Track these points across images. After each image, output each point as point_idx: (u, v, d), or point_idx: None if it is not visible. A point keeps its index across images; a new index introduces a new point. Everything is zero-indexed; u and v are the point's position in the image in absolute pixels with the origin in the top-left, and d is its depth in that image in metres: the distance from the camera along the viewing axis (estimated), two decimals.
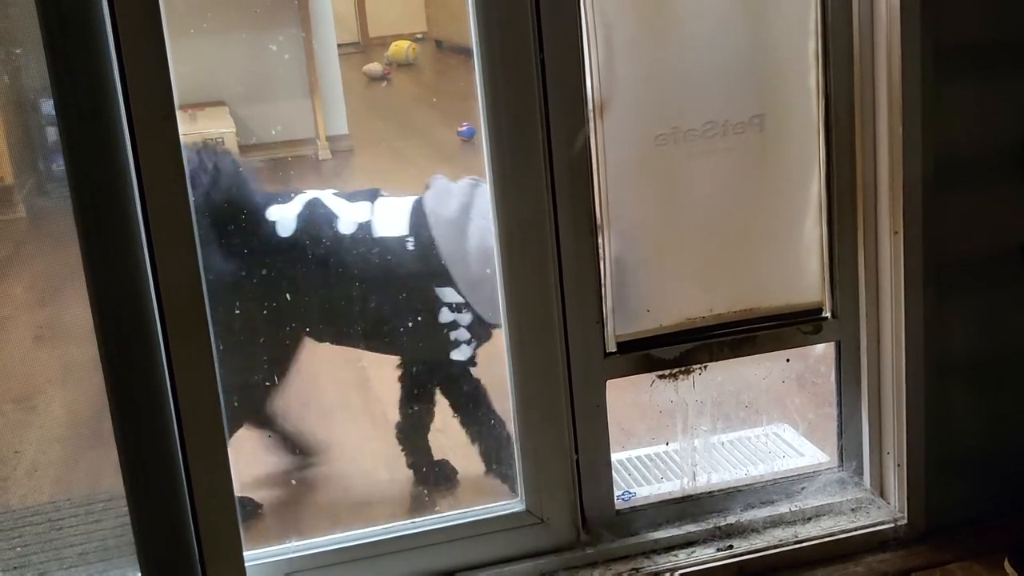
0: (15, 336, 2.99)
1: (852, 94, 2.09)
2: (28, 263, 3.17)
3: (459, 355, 2.38)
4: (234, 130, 4.14)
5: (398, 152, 4.04)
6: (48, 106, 1.82)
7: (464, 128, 3.80)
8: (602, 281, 2.06)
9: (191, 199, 1.81)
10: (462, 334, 2.35)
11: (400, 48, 5.15)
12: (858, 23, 2.06)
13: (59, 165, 1.81)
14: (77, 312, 1.86)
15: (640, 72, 2.02)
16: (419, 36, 5.46)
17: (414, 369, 2.44)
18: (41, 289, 3.06)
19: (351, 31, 5.50)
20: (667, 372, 2.14)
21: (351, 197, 2.37)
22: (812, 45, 2.07)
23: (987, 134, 2.07)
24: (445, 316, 2.33)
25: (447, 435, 2.61)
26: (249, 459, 2.64)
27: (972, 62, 2.04)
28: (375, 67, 5.04)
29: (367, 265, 2.31)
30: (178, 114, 1.81)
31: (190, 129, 4.07)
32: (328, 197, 2.35)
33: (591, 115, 1.99)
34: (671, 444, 2.28)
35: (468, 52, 2.00)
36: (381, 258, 2.31)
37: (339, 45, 4.55)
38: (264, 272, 2.29)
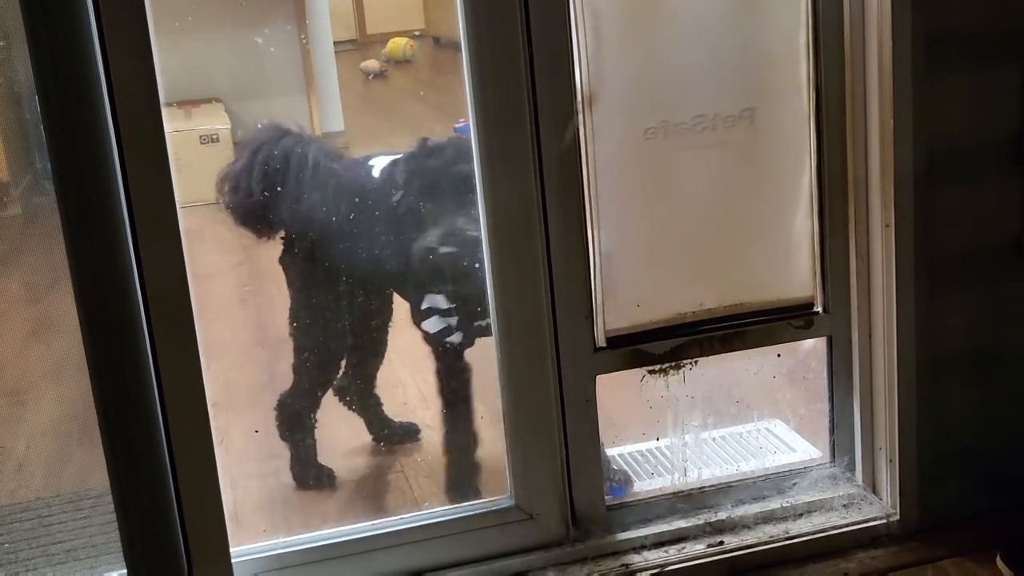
0: (8, 331, 2.99)
1: (843, 87, 2.07)
2: (23, 259, 3.17)
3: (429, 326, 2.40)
4: (229, 126, 4.14)
5: (394, 148, 4.02)
6: None
7: (461, 124, 3.79)
8: (591, 275, 2.05)
9: (176, 193, 1.80)
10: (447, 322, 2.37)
11: (398, 45, 5.14)
12: (849, 15, 2.04)
13: None
14: (70, 308, 1.86)
15: (629, 64, 2.01)
16: (417, 33, 5.45)
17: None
18: (35, 285, 3.06)
19: (349, 28, 5.49)
20: (657, 367, 2.13)
21: None
22: (803, 37, 2.06)
23: (979, 127, 2.06)
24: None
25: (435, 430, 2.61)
26: (241, 455, 2.64)
27: (964, 54, 2.02)
28: (372, 64, 5.03)
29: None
30: (174, 110, 1.80)
31: (185, 125, 4.08)
32: None
33: (580, 108, 1.98)
34: (662, 440, 2.27)
35: None
36: None
37: (336, 42, 4.54)
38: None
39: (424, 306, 2.39)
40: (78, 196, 1.76)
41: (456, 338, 2.38)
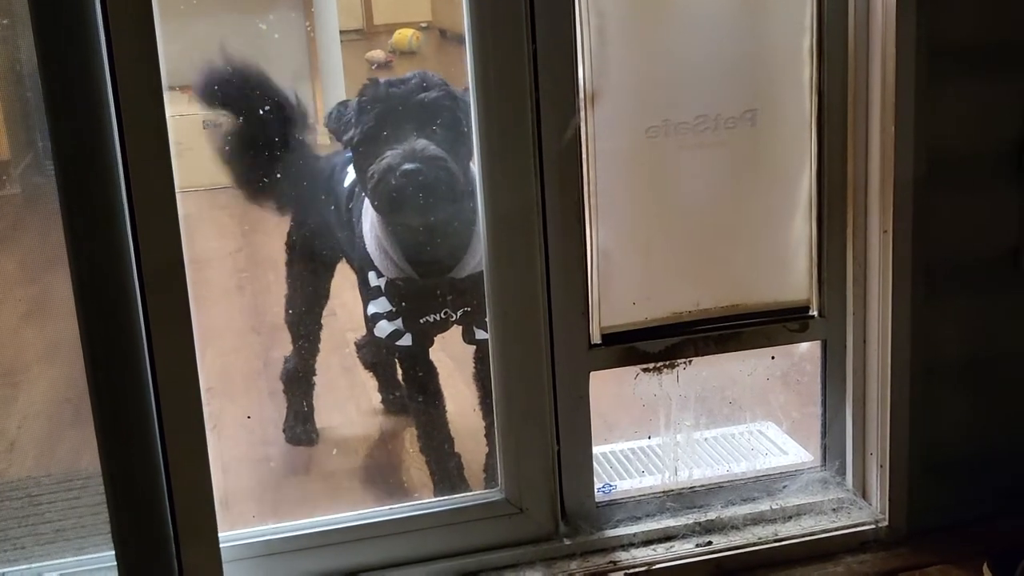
0: (3, 312, 2.99)
1: (846, 92, 2.08)
2: (21, 240, 3.16)
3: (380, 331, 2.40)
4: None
5: None
6: None
7: None
8: (589, 272, 2.05)
9: (176, 178, 1.80)
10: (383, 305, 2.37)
11: (404, 36, 5.14)
12: (854, 21, 2.04)
13: None
14: (66, 290, 1.86)
15: (633, 63, 2.01)
16: (423, 25, 5.44)
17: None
18: (32, 266, 3.06)
19: (355, 17, 5.49)
20: (652, 366, 2.13)
21: None
22: (807, 41, 2.06)
23: (980, 135, 2.06)
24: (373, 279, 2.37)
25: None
26: (233, 441, 2.64)
27: (967, 62, 2.02)
28: (378, 54, 5.02)
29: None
30: (177, 95, 1.80)
31: (188, 110, 4.06)
32: None
33: (582, 105, 1.98)
34: (653, 438, 2.27)
35: None
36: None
37: (342, 31, 4.53)
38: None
39: (369, 312, 2.39)
40: (77, 177, 1.76)
41: (406, 340, 2.38)
